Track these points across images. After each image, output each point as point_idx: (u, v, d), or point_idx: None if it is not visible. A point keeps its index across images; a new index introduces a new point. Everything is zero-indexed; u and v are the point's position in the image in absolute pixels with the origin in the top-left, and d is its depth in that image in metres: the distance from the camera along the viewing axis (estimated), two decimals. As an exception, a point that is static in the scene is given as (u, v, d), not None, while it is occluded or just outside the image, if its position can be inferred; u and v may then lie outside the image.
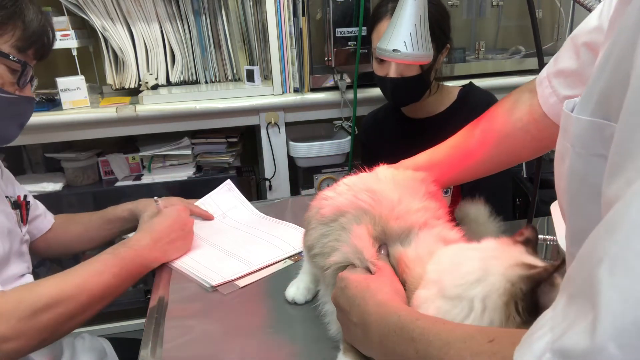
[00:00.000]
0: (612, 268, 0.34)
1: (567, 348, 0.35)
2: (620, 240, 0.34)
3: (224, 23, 1.80)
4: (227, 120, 1.68)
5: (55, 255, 1.22)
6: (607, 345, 0.32)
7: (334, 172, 1.80)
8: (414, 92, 1.31)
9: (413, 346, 0.48)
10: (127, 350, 1.15)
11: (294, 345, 0.72)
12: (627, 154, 0.35)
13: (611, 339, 0.32)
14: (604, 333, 0.33)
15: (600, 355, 0.32)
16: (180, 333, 0.76)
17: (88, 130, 1.61)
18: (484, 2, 1.84)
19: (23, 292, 0.78)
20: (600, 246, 0.35)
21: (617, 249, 0.34)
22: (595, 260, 0.35)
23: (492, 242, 0.59)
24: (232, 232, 1.11)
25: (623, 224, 0.34)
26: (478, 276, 0.51)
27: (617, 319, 0.32)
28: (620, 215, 0.35)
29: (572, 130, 0.45)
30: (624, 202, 0.34)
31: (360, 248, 0.62)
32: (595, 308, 0.34)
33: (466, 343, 0.43)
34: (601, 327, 0.33)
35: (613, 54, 0.40)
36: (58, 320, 0.78)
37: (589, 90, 0.44)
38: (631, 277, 0.32)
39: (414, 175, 0.76)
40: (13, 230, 0.93)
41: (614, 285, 0.33)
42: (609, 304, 0.33)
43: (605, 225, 0.36)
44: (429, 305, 0.53)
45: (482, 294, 0.50)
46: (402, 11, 0.96)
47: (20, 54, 0.88)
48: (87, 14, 1.67)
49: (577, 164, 0.45)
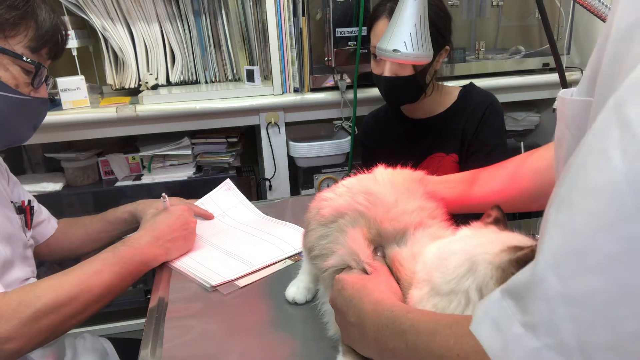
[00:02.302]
0: (558, 207, 0.35)
1: (512, 285, 0.37)
2: (568, 181, 0.35)
3: (224, 23, 1.80)
4: (227, 120, 1.68)
5: (57, 259, 1.22)
6: (546, 276, 0.34)
7: (334, 172, 1.80)
8: (407, 92, 1.31)
9: (404, 338, 0.48)
10: (127, 350, 1.15)
11: (294, 345, 0.72)
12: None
13: (551, 269, 0.33)
14: (544, 265, 0.34)
15: (540, 285, 0.34)
16: (180, 333, 0.76)
17: (88, 130, 1.61)
18: (484, 2, 1.84)
19: (24, 293, 0.77)
20: (554, 194, 0.37)
21: (564, 190, 0.35)
22: (548, 207, 0.36)
23: (468, 230, 0.60)
24: (232, 232, 1.11)
25: (572, 167, 0.35)
26: (467, 267, 0.52)
27: (556, 251, 0.34)
28: (571, 162, 0.36)
29: (568, 113, 0.45)
30: (576, 150, 0.36)
31: (356, 250, 0.63)
32: (541, 246, 0.35)
33: (452, 328, 0.43)
34: (542, 260, 0.34)
35: (603, 32, 0.41)
36: (59, 320, 0.78)
37: (586, 72, 0.44)
38: (572, 211, 0.33)
39: (412, 176, 0.77)
40: (16, 234, 0.93)
41: (557, 222, 0.34)
42: (550, 239, 0.34)
43: (561, 176, 0.37)
44: (424, 304, 0.54)
45: (476, 285, 0.51)
46: (402, 11, 0.96)
47: (33, 55, 0.87)
48: (87, 14, 1.67)
49: (573, 146, 0.45)
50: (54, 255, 1.16)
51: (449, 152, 1.35)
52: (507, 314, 0.36)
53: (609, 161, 0.31)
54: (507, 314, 0.36)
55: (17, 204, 1.00)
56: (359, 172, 0.79)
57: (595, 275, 0.31)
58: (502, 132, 1.35)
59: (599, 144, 0.33)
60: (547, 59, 1.84)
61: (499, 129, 1.33)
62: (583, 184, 0.33)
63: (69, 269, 0.84)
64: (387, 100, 1.37)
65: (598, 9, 0.75)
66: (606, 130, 0.33)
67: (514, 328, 0.35)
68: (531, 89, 1.82)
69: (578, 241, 0.32)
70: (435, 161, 1.37)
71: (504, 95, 1.70)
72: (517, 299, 0.36)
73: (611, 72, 0.36)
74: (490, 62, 1.83)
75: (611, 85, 0.35)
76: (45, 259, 1.18)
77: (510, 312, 0.36)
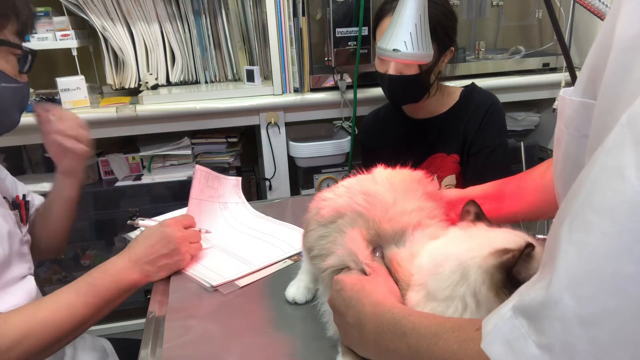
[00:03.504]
0: (571, 225, 0.34)
1: (525, 304, 0.37)
2: (581, 199, 0.34)
3: (224, 23, 1.80)
4: (227, 120, 1.68)
5: (52, 250, 1.19)
6: (562, 296, 0.33)
7: (334, 172, 1.80)
8: (411, 92, 1.31)
9: (405, 341, 0.48)
10: (127, 350, 1.15)
11: (294, 345, 0.72)
12: (604, 128, 0.36)
13: (566, 290, 0.33)
14: (559, 285, 0.34)
15: (556, 307, 0.34)
16: (180, 333, 0.76)
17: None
18: (484, 2, 1.84)
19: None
20: (564, 209, 0.36)
21: (577, 207, 0.35)
22: (559, 223, 0.36)
23: (458, 230, 0.61)
24: (232, 233, 1.11)
25: (584, 184, 0.35)
26: (460, 274, 0.52)
27: (571, 271, 0.33)
28: (583, 177, 0.35)
29: (567, 113, 0.45)
30: (588, 165, 0.35)
31: (354, 251, 0.63)
32: (553, 264, 0.34)
33: (454, 333, 0.43)
34: (556, 280, 0.34)
35: (601, 31, 0.40)
36: (24, 357, 0.75)
37: (582, 71, 0.44)
38: (587, 230, 0.33)
39: (411, 176, 0.76)
40: (12, 231, 0.93)
41: (571, 240, 0.34)
42: (565, 258, 0.34)
43: (572, 190, 0.36)
44: (422, 308, 0.54)
45: (470, 291, 0.51)
46: (403, 11, 0.96)
47: (20, 40, 0.88)
48: (87, 14, 1.67)
49: (571, 146, 0.45)
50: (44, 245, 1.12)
51: (450, 152, 1.35)
52: (521, 333, 0.36)
53: (624, 180, 0.31)
54: (520, 334, 0.36)
55: (10, 199, 0.99)
56: (359, 173, 0.79)
57: (612, 297, 0.31)
58: (503, 132, 1.35)
59: (613, 162, 0.32)
60: (547, 59, 1.84)
61: (500, 129, 1.33)
62: (598, 203, 0.33)
63: (40, 299, 0.81)
64: (390, 99, 1.37)
65: (598, 8, 0.75)
66: (620, 147, 0.32)
67: (529, 348, 0.35)
68: (531, 89, 1.82)
69: (594, 262, 0.32)
70: (436, 161, 1.37)
71: (504, 95, 1.70)
72: (530, 318, 0.36)
73: (617, 81, 0.35)
74: (490, 62, 1.83)
75: (618, 95, 0.35)
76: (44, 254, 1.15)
77: (523, 332, 0.35)
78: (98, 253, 1.89)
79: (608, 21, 0.39)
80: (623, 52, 0.35)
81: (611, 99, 0.35)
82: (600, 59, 0.39)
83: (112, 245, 1.86)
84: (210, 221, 1.10)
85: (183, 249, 0.91)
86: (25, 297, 0.93)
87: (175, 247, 0.90)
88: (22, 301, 0.91)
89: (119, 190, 1.75)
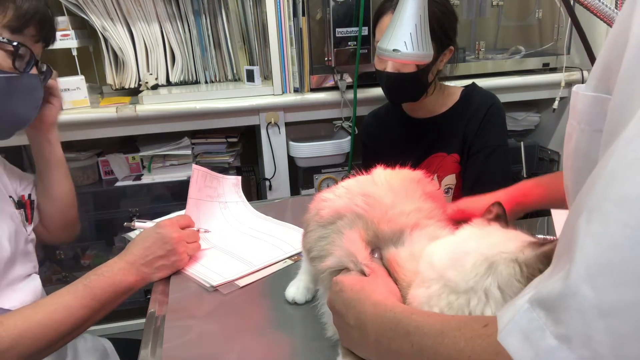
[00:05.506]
0: (589, 217, 0.35)
1: (543, 296, 0.37)
2: (599, 191, 0.35)
3: (224, 23, 1.80)
4: (227, 120, 1.68)
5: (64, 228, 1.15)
6: (580, 287, 0.33)
7: (334, 172, 1.80)
8: (409, 90, 1.31)
9: (408, 340, 0.48)
10: (127, 350, 1.15)
11: (294, 345, 0.72)
12: (619, 122, 0.36)
13: (584, 281, 0.33)
14: (578, 276, 0.33)
15: (574, 297, 0.33)
16: (180, 333, 0.76)
17: (88, 130, 1.61)
18: (484, 2, 1.84)
19: None
20: (581, 201, 0.36)
21: (595, 199, 0.35)
22: (576, 215, 0.36)
23: (472, 228, 0.60)
24: (232, 232, 1.10)
25: (601, 176, 0.35)
26: (486, 267, 0.51)
27: (590, 262, 0.33)
28: (600, 170, 0.35)
29: (579, 108, 0.45)
30: (605, 157, 0.35)
31: (353, 252, 0.63)
32: (571, 256, 0.34)
33: (461, 330, 0.43)
34: (574, 271, 0.34)
35: (614, 28, 0.41)
36: (22, 358, 0.75)
37: (595, 67, 0.44)
38: (605, 222, 0.33)
39: (410, 177, 0.76)
40: (18, 230, 0.93)
41: (589, 232, 0.34)
42: (583, 249, 0.34)
43: (588, 183, 0.36)
44: (436, 302, 0.53)
45: (497, 282, 0.50)
46: (403, 11, 0.96)
47: (15, 35, 0.84)
48: (87, 14, 1.67)
49: (582, 140, 0.45)
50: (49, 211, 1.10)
51: (450, 152, 1.35)
52: (538, 325, 0.36)
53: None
54: (538, 325, 0.36)
55: (16, 198, 0.99)
56: (359, 173, 0.79)
57: (631, 288, 0.31)
58: (503, 132, 1.35)
59: (631, 155, 0.33)
60: (547, 59, 1.84)
61: (500, 129, 1.33)
62: (616, 195, 0.33)
63: (37, 302, 0.82)
64: (388, 96, 1.37)
65: (598, 8, 0.75)
66: (638, 140, 0.33)
67: (547, 339, 0.34)
68: (531, 89, 1.82)
69: (613, 253, 0.32)
70: (437, 161, 1.37)
71: (504, 95, 1.70)
72: (548, 310, 0.35)
73: (633, 76, 0.36)
74: (490, 62, 1.83)
75: (635, 90, 0.35)
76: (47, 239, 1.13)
77: (541, 323, 0.35)
78: (98, 253, 1.89)
79: (621, 20, 0.40)
80: (639, 49, 0.36)
81: (627, 93, 0.36)
82: (614, 56, 0.39)
83: (112, 245, 1.86)
84: (210, 220, 1.10)
85: (180, 250, 0.91)
86: (31, 295, 0.93)
87: (172, 247, 0.90)
88: (28, 299, 0.92)
89: (119, 190, 1.75)
